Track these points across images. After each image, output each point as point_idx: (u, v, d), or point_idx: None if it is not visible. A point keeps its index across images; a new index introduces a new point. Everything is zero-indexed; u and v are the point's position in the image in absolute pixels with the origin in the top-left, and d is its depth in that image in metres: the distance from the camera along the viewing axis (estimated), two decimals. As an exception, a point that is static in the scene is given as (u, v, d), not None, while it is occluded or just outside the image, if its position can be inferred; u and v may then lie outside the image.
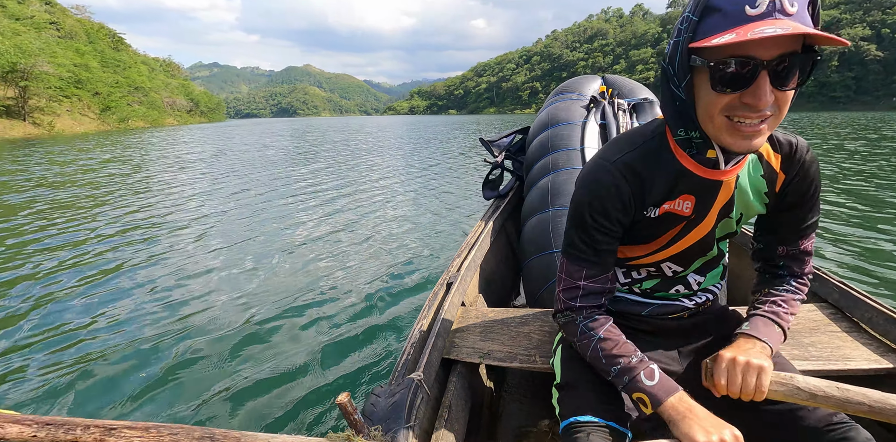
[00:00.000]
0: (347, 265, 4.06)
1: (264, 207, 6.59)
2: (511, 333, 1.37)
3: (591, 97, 2.61)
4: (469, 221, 5.56)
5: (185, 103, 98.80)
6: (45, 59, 38.46)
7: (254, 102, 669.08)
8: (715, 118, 0.73)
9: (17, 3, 53.45)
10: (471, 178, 9.04)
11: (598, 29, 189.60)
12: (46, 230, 5.47)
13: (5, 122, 36.60)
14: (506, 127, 38.30)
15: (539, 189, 2.33)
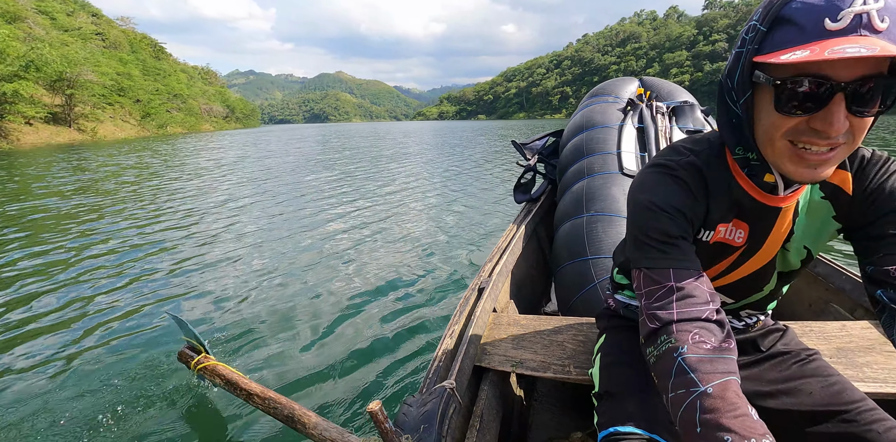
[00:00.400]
0: (373, 269, 4.04)
1: (286, 213, 6.56)
2: (544, 342, 1.33)
3: (627, 100, 2.53)
4: (495, 226, 5.45)
5: (221, 110, 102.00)
6: (89, 68, 40.20)
7: (287, 108, 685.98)
8: (776, 142, 0.65)
9: (67, 15, 56.37)
10: (493, 185, 8.75)
11: (631, 32, 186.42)
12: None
13: (52, 128, 38.39)
14: (534, 132, 37.82)
15: (573, 193, 2.26)
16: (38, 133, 35.85)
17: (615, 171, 2.22)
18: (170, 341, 2.83)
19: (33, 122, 36.30)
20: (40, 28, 42.36)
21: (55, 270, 4.29)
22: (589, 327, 1.38)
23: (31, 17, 42.28)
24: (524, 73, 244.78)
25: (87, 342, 2.90)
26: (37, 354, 2.78)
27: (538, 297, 2.34)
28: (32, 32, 40.44)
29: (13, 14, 38.91)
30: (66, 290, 3.76)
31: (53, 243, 5.16)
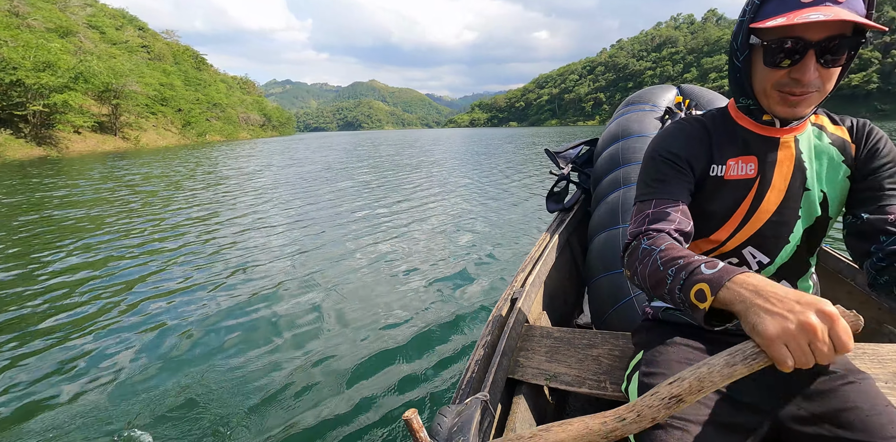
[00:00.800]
0: (403, 279, 4.02)
1: (311, 224, 6.52)
2: (578, 356, 1.30)
3: (665, 108, 2.47)
4: (520, 233, 5.40)
5: (258, 118, 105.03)
6: (134, 79, 42.07)
7: (322, 117, 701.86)
8: (768, 91, 0.82)
9: (116, 29, 59.39)
10: (517, 194, 8.46)
11: (668, 36, 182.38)
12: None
13: (99, 136, 40.26)
14: (565, 139, 37.35)
15: (608, 204, 2.21)
16: (86, 141, 37.62)
17: None
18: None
19: (81, 130, 38.12)
20: (90, 42, 44.66)
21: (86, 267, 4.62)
22: (625, 342, 1.33)
23: (83, 32, 44.64)
24: (556, 80, 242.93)
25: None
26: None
27: (570, 308, 2.28)
28: (83, 46, 42.66)
29: (66, 29, 41.13)
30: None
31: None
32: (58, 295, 3.94)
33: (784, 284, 0.90)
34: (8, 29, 30.61)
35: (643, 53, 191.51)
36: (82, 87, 33.24)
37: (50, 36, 35.88)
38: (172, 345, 3.02)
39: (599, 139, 2.81)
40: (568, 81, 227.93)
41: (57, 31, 39.35)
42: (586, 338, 1.38)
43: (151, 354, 2.91)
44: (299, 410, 2.27)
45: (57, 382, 2.63)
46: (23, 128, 31.61)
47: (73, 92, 31.64)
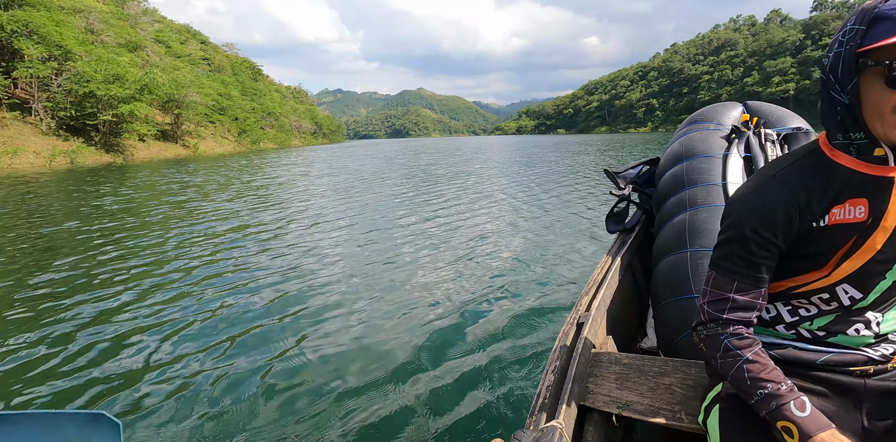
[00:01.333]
0: (455, 300, 3.96)
1: (345, 241, 6.37)
2: (650, 384, 1.27)
3: (731, 127, 2.38)
4: (567, 252, 5.33)
5: (309, 126, 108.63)
6: (194, 90, 44.38)
7: (371, 124, 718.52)
8: (885, 115, 0.75)
9: (180, 43, 63.11)
10: (564, 209, 8.10)
11: (726, 39, 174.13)
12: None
13: (161, 144, 42.66)
14: (615, 146, 36.57)
15: (674, 227, 2.15)
16: (149, 148, 39.92)
17: (722, 204, 2.05)
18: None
19: (146, 138, 40.50)
20: (156, 55, 47.58)
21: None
22: (698, 371, 1.28)
23: (150, 46, 47.68)
24: (606, 86, 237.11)
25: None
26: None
27: (633, 332, 2.24)
28: (149, 59, 45.49)
29: (135, 43, 44.03)
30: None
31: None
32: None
33: (873, 315, 0.91)
34: (84, 45, 32.98)
35: (699, 57, 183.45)
36: (147, 97, 35.30)
37: (120, 50, 38.46)
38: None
39: (661, 159, 2.73)
40: (619, 87, 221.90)
41: (127, 46, 42.15)
42: (657, 365, 1.33)
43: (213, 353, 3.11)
44: (355, 431, 2.27)
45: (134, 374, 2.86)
46: (93, 136, 33.90)
47: (139, 102, 33.65)
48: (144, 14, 54.84)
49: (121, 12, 50.23)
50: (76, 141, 31.91)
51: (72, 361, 3.04)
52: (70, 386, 2.75)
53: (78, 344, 3.28)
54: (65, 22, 32.02)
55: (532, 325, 3.43)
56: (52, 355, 3.12)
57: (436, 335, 3.29)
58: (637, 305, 2.37)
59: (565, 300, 3.86)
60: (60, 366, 2.99)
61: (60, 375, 2.87)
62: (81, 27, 36.21)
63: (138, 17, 52.18)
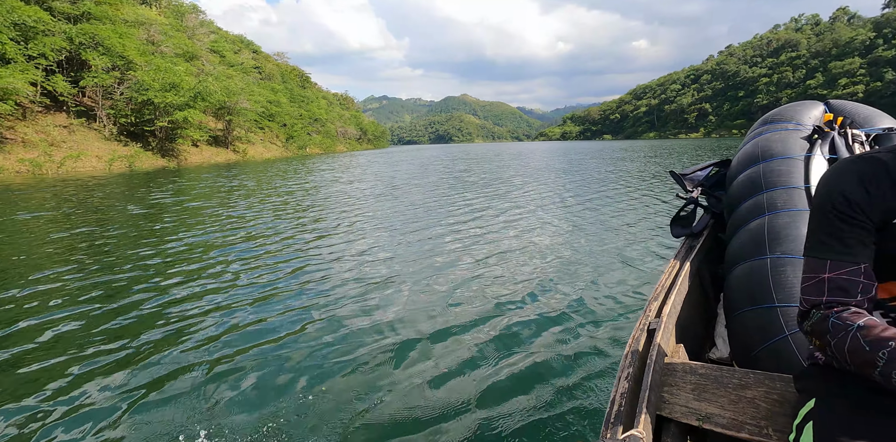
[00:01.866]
0: (514, 305, 3.97)
1: (402, 243, 6.57)
2: (731, 396, 1.21)
3: (813, 127, 2.28)
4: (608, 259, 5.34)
5: (355, 132, 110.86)
6: (244, 97, 46.10)
7: (414, 130, 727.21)
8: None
9: (234, 53, 65.94)
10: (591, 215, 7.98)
11: (787, 40, 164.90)
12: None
13: (213, 149, 44.51)
14: (663, 152, 35.24)
15: (750, 232, 2.06)
16: (202, 153, 41.68)
17: (805, 209, 1.97)
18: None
19: (199, 144, 42.36)
20: (210, 64, 49.80)
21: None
22: (783, 385, 1.21)
23: (205, 56, 50.04)
24: (656, 90, 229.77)
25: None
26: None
27: (700, 342, 2.15)
28: (204, 68, 47.68)
29: (191, 54, 46.30)
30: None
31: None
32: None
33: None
34: (144, 55, 34.91)
35: (757, 59, 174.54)
36: (200, 104, 36.90)
37: (177, 60, 40.48)
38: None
39: (733, 161, 2.63)
40: (669, 91, 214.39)
41: (184, 56, 44.36)
42: (737, 377, 1.26)
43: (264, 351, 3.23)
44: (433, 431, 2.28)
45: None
46: (150, 141, 35.72)
47: (192, 109, 35.19)
48: (201, 25, 57.69)
49: (179, 24, 53.03)
50: (135, 146, 33.70)
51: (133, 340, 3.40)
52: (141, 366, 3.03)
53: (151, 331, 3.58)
54: (127, 34, 33.97)
55: (591, 329, 3.39)
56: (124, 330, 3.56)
57: (497, 335, 3.33)
58: (704, 314, 2.26)
59: (631, 305, 3.83)
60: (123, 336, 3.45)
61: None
62: (143, 39, 38.36)
63: (195, 28, 54.93)
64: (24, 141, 26.70)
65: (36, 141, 27.32)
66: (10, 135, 26.73)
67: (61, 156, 26.66)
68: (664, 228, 6.71)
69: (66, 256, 5.98)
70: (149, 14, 41.82)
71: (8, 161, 24.21)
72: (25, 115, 28.90)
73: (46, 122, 29.89)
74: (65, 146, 28.88)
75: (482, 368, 2.88)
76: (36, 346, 3.34)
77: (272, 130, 62.01)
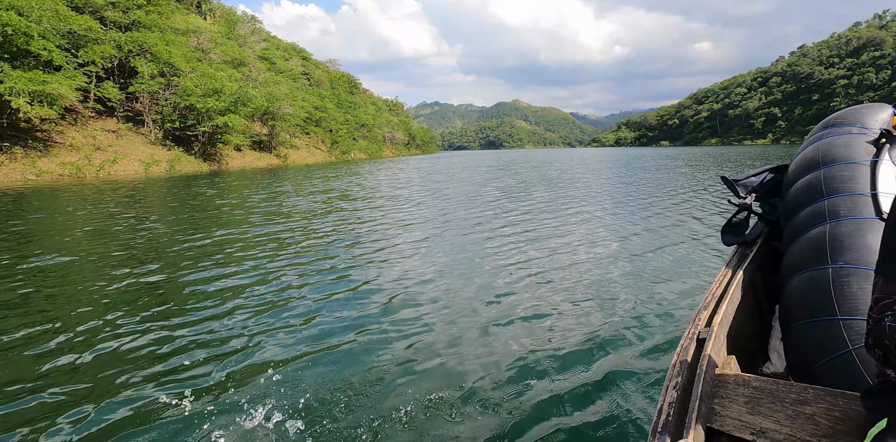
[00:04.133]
0: (557, 311, 3.97)
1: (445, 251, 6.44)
2: (787, 412, 1.16)
3: (881, 131, 2.19)
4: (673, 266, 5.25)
5: (403, 137, 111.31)
6: (287, 103, 46.48)
7: (465, 136, 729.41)
8: None
9: (285, 60, 67.38)
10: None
11: (869, 38, 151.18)
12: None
13: (256, 153, 45.13)
14: (725, 160, 32.79)
15: (811, 240, 1.99)
16: (245, 158, 42.23)
17: (871, 217, 1.90)
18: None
19: (243, 148, 42.96)
20: (257, 71, 50.75)
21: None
22: (847, 402, 1.15)
23: (253, 63, 51.06)
24: (719, 94, 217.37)
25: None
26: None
27: (754, 354, 2.08)
28: (251, 75, 48.58)
29: (239, 61, 47.27)
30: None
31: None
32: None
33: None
34: (190, 62, 35.63)
35: (834, 60, 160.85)
36: (242, 110, 37.31)
37: (223, 67, 41.26)
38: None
39: (791, 166, 2.56)
40: (733, 95, 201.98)
41: (232, 63, 45.28)
42: (794, 392, 1.22)
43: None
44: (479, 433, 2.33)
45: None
46: (194, 146, 36.36)
47: (233, 114, 35.53)
48: (252, 34, 59.21)
49: (231, 33, 54.58)
50: (177, 150, 34.35)
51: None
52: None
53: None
54: (174, 41, 34.78)
55: (638, 337, 3.34)
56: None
57: (543, 341, 3.35)
58: (758, 326, 2.19)
59: (679, 314, 3.76)
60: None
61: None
62: (192, 46, 39.31)
63: (247, 36, 56.36)
64: (72, 145, 27.54)
65: (82, 145, 28.16)
66: (60, 139, 27.68)
67: (101, 159, 27.19)
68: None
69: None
70: (199, 22, 43.05)
71: (51, 164, 24.86)
72: (77, 120, 29.96)
73: (96, 127, 30.87)
74: (110, 150, 29.65)
75: (527, 375, 2.89)
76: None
77: (318, 135, 62.64)
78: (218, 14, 57.54)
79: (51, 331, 3.73)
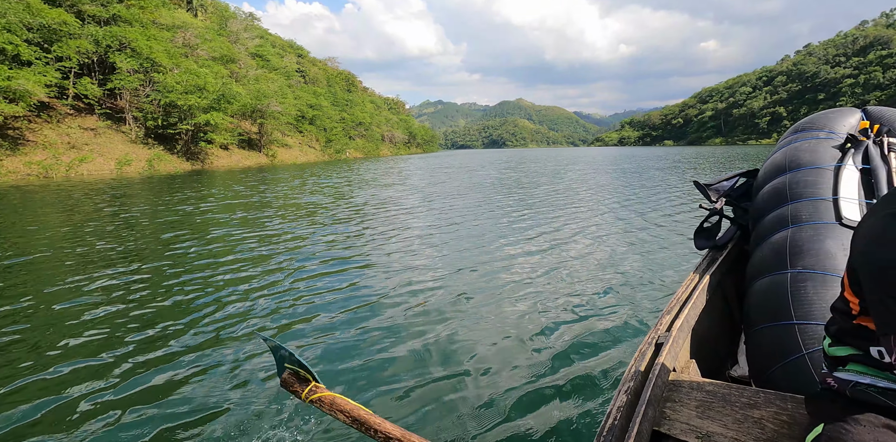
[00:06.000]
0: (524, 314, 3.91)
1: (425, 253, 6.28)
2: (736, 415, 1.18)
3: (847, 135, 2.20)
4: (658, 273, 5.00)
5: (402, 136, 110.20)
6: (277, 100, 45.40)
7: (468, 135, 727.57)
8: None
9: (280, 58, 66.30)
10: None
11: (876, 37, 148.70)
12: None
13: (245, 152, 44.11)
14: (730, 159, 32.10)
15: (773, 245, 2.02)
16: (231, 156, 41.22)
17: (831, 221, 1.93)
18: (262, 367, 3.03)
19: (230, 147, 41.96)
20: (247, 68, 49.65)
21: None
22: (795, 407, 1.18)
23: (243, 60, 49.97)
24: (723, 94, 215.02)
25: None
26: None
27: (721, 358, 2.11)
28: (239, 72, 47.52)
29: (229, 57, 46.23)
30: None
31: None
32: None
33: None
34: (173, 58, 34.61)
35: (840, 58, 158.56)
36: (227, 108, 36.30)
37: (211, 63, 40.22)
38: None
39: (760, 170, 2.58)
40: (738, 94, 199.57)
41: (221, 60, 44.23)
42: (745, 396, 1.24)
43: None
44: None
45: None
46: (176, 144, 35.40)
47: (217, 112, 34.52)
48: (246, 30, 58.15)
49: (223, 30, 53.53)
50: (158, 149, 33.38)
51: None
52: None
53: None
54: (155, 36, 33.73)
55: (608, 344, 3.31)
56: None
57: (506, 345, 3.31)
58: (728, 330, 2.23)
59: (649, 320, 3.72)
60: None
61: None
62: (178, 42, 38.30)
63: (239, 33, 55.31)
64: (45, 143, 26.56)
65: (56, 143, 27.18)
66: (32, 137, 26.70)
67: (70, 158, 26.20)
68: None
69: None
70: (186, 18, 41.99)
71: (18, 164, 23.89)
72: (53, 117, 29.00)
73: (73, 125, 29.90)
74: (86, 149, 28.68)
75: (485, 370, 2.92)
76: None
77: (312, 134, 61.58)
78: (210, 10, 56.51)
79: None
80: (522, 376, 2.84)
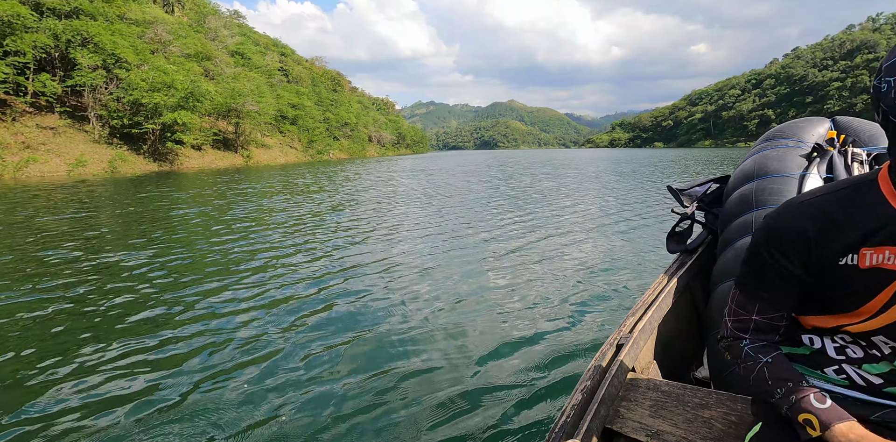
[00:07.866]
0: (491, 317, 3.94)
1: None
2: (687, 415, 1.22)
3: (813, 145, 2.24)
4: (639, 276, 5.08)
5: (391, 137, 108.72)
6: (253, 99, 43.86)
7: (460, 136, 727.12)
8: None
9: (262, 56, 64.59)
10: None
11: (863, 40, 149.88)
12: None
13: (219, 153, 42.47)
14: (720, 161, 31.58)
15: (737, 250, 2.10)
16: (204, 157, 39.67)
17: None
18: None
19: (203, 147, 40.42)
20: (224, 65, 47.99)
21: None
22: (744, 407, 1.21)
23: (220, 57, 48.31)
24: (713, 96, 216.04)
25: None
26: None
27: (687, 360, 2.15)
28: (214, 70, 45.93)
29: (204, 54, 44.58)
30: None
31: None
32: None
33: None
34: (141, 54, 33.07)
35: (828, 62, 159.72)
36: (197, 106, 34.78)
37: (184, 61, 38.65)
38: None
39: (731, 177, 2.57)
40: (727, 97, 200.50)
41: (196, 57, 42.63)
42: (699, 396, 1.28)
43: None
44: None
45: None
46: (142, 144, 33.86)
47: (185, 111, 33.02)
48: (225, 27, 56.56)
49: (200, 26, 51.93)
50: (123, 149, 31.86)
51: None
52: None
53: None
54: (120, 31, 32.20)
55: (578, 346, 3.33)
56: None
57: (471, 345, 3.32)
58: (695, 333, 2.27)
59: (616, 321, 3.78)
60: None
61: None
62: (149, 38, 36.76)
63: (218, 30, 53.73)
64: (-3, 143, 24.99)
65: (10, 143, 25.63)
66: (-19, 136, 25.13)
67: (17, 159, 24.65)
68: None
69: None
70: (158, 13, 40.44)
71: (-40, 165, 22.33)
72: (7, 115, 27.41)
73: (30, 124, 28.33)
74: (42, 149, 27.12)
75: (448, 369, 2.96)
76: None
77: (293, 134, 60.05)
78: (188, 6, 54.87)
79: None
80: (490, 379, 2.84)
